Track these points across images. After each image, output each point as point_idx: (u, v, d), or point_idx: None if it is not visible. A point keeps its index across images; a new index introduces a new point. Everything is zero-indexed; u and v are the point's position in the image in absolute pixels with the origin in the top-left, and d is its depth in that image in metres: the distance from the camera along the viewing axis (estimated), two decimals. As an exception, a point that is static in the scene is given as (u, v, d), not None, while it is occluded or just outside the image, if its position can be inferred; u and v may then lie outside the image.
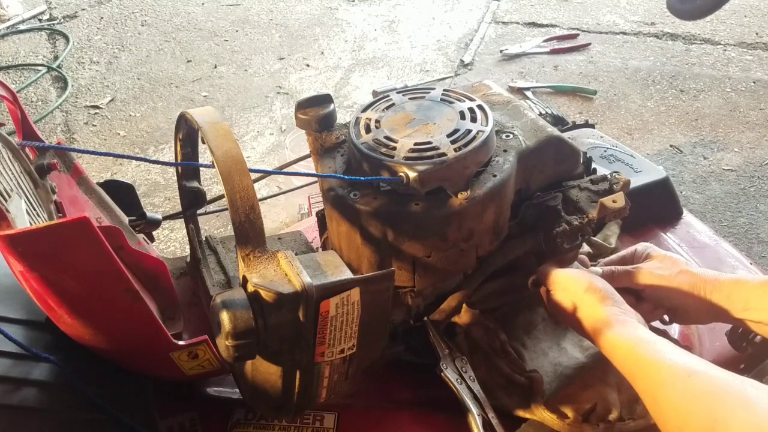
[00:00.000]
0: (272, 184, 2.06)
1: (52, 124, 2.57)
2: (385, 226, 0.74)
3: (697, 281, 0.77)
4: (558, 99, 2.53)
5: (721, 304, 0.76)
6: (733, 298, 0.75)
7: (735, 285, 0.75)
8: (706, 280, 0.77)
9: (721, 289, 0.76)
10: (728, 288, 0.75)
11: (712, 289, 0.76)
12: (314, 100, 0.84)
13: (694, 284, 0.77)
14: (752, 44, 2.80)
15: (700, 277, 0.77)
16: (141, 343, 0.71)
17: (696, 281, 0.77)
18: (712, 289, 0.76)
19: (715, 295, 0.76)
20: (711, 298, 0.76)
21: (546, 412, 0.79)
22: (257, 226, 0.62)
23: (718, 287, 0.76)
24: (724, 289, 0.76)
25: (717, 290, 0.76)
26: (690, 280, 0.78)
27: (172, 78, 2.84)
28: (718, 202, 1.97)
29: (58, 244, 0.57)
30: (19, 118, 0.84)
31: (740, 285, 0.75)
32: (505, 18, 3.20)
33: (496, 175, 0.76)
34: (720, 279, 0.76)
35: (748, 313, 0.74)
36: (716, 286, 0.76)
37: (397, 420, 0.85)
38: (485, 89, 0.92)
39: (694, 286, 0.77)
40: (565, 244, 0.80)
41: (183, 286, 0.96)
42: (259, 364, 0.66)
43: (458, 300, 0.84)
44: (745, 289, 0.74)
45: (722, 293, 0.76)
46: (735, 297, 0.75)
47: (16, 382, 0.68)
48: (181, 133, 0.82)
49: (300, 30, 3.22)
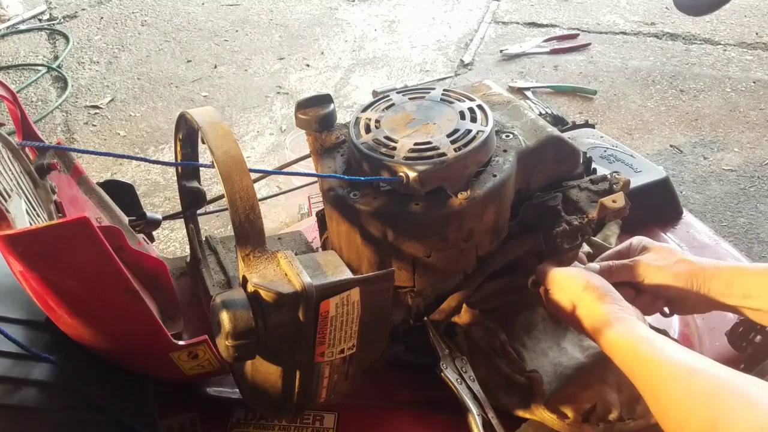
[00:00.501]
0: (272, 184, 2.06)
1: (52, 124, 2.57)
2: (385, 226, 0.74)
3: (696, 269, 0.76)
4: (558, 99, 2.53)
5: (721, 291, 0.75)
6: (733, 285, 0.74)
7: (735, 272, 0.75)
8: (705, 268, 0.76)
9: (720, 276, 0.75)
10: (728, 275, 0.75)
11: (711, 277, 0.75)
12: (314, 100, 0.84)
13: (693, 272, 0.76)
14: (752, 44, 2.80)
15: (698, 265, 0.77)
16: (141, 343, 0.71)
17: (694, 269, 0.76)
18: (711, 276, 0.75)
19: (714, 282, 0.75)
20: (710, 285, 0.75)
21: (546, 412, 0.79)
22: (257, 226, 0.62)
23: (717, 274, 0.75)
24: (723, 276, 0.75)
25: (716, 277, 0.75)
26: (688, 269, 0.77)
27: (172, 78, 2.84)
28: (718, 202, 1.97)
29: (58, 244, 0.57)
30: (19, 118, 0.84)
31: (740, 272, 0.74)
32: (505, 18, 3.20)
33: (496, 175, 0.76)
34: (719, 266, 0.76)
35: (749, 300, 0.73)
36: (715, 273, 0.75)
37: (397, 420, 0.85)
38: (485, 89, 0.92)
39: (693, 275, 0.76)
40: (565, 244, 0.80)
41: (183, 286, 0.96)
42: (259, 364, 0.66)
43: (458, 300, 0.84)
44: (746, 276, 0.74)
45: (721, 280, 0.75)
46: (735, 284, 0.74)
47: (16, 382, 0.68)
48: (181, 133, 0.82)
49: (300, 30, 3.22)
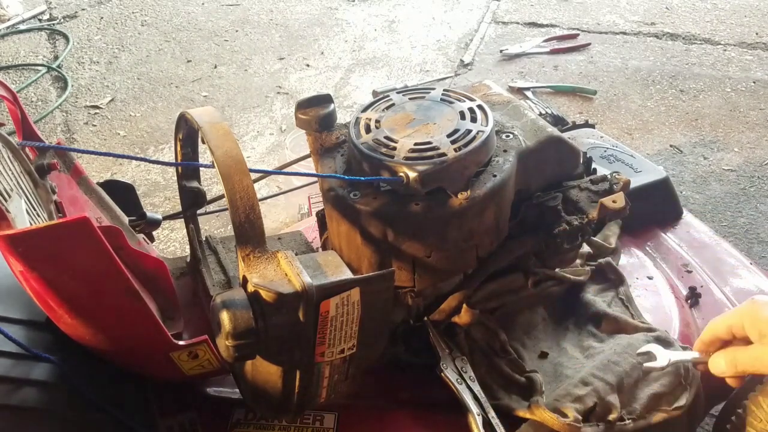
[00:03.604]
0: (272, 184, 2.06)
1: (52, 124, 2.57)
2: (385, 226, 0.74)
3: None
4: (558, 99, 2.53)
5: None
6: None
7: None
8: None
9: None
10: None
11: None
12: (314, 100, 0.84)
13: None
14: (752, 44, 2.80)
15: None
16: (141, 343, 0.71)
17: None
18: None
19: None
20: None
21: (546, 412, 0.79)
22: (257, 226, 0.62)
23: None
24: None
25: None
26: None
27: (172, 78, 2.84)
28: (718, 202, 1.97)
29: (58, 244, 0.57)
30: (19, 118, 0.84)
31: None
32: (505, 18, 3.20)
33: (496, 175, 0.76)
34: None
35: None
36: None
37: (397, 420, 0.85)
38: (485, 89, 0.92)
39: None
40: (565, 244, 0.81)
41: (183, 286, 0.96)
42: (259, 364, 0.66)
43: (458, 300, 0.84)
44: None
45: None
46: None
47: (16, 382, 0.68)
48: (181, 133, 0.82)
49: (300, 30, 3.21)
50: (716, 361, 0.67)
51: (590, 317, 0.93)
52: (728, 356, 0.66)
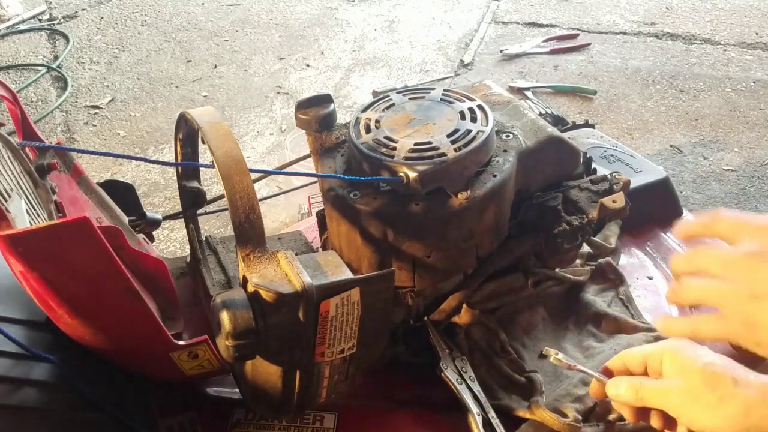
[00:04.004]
0: (272, 184, 2.06)
1: (52, 124, 2.57)
2: (385, 226, 0.74)
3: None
4: (558, 99, 2.53)
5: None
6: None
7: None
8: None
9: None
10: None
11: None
12: (314, 100, 0.84)
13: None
14: (752, 44, 2.80)
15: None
16: (141, 343, 0.71)
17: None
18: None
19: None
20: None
21: (546, 412, 0.79)
22: (257, 226, 0.62)
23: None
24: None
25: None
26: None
27: (172, 78, 2.84)
28: (718, 202, 1.97)
29: (58, 244, 0.57)
30: (19, 118, 0.84)
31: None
32: (505, 18, 3.20)
33: (496, 175, 0.76)
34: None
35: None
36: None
37: (397, 420, 0.85)
38: (485, 89, 0.92)
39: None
40: (565, 244, 0.80)
41: (183, 286, 0.96)
42: (259, 364, 0.66)
43: (458, 300, 0.84)
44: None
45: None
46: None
47: (16, 382, 0.68)
48: (181, 133, 0.82)
49: (300, 30, 3.21)
50: (616, 383, 0.62)
51: (590, 317, 0.93)
52: (632, 382, 0.61)
